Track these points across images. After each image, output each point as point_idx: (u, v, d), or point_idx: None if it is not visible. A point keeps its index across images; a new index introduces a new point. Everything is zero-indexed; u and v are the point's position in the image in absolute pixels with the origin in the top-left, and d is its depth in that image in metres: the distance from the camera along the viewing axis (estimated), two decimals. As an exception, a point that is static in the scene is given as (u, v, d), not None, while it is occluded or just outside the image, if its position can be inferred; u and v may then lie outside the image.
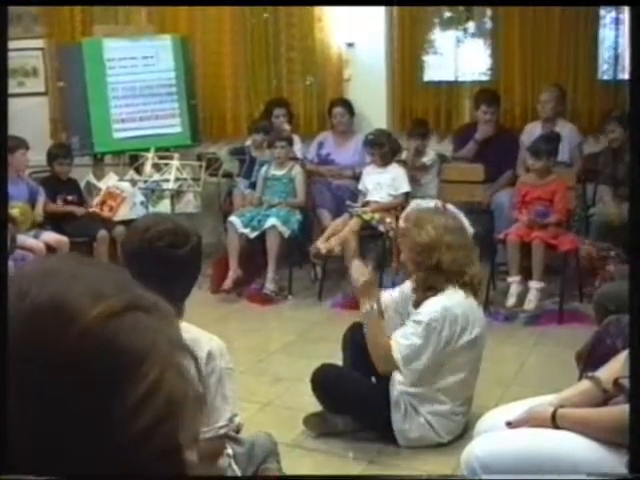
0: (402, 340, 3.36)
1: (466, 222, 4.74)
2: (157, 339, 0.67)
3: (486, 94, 6.38)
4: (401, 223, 4.42)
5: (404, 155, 6.24)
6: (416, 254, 3.45)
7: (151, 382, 0.64)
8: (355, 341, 3.65)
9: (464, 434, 3.46)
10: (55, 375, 0.62)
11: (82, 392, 0.62)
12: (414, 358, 3.35)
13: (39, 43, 7.57)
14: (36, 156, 6.32)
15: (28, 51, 7.42)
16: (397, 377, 3.45)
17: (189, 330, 2.08)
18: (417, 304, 3.48)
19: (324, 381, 3.63)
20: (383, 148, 5.98)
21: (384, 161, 5.98)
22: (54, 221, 6.18)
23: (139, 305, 0.68)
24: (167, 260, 2.16)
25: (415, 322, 3.37)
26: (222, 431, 2.24)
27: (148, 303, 0.70)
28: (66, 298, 0.65)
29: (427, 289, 3.44)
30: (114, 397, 0.63)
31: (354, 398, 3.52)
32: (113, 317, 0.65)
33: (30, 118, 6.94)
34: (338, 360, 3.81)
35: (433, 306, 3.37)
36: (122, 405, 0.63)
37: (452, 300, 3.36)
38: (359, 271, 3.55)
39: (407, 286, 3.66)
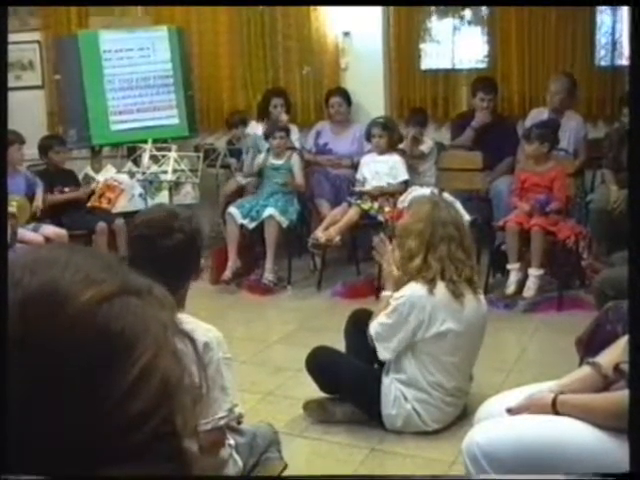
0: (379, 318, 3.47)
1: (461, 210, 4.72)
2: (150, 323, 0.67)
3: (483, 82, 6.35)
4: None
5: (402, 144, 6.23)
6: (397, 238, 3.59)
7: (144, 365, 0.65)
8: (357, 328, 3.69)
9: (465, 421, 3.47)
10: (49, 361, 0.62)
11: (76, 377, 0.63)
12: (384, 338, 3.44)
13: (35, 36, 7.53)
14: (33, 149, 6.31)
15: (24, 44, 7.37)
16: (391, 363, 3.53)
17: (186, 321, 2.09)
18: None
19: (319, 364, 3.69)
20: (394, 132, 5.97)
21: (390, 146, 5.95)
22: (53, 214, 6.18)
23: (131, 290, 0.68)
24: (154, 248, 2.19)
25: (390, 304, 3.46)
26: (222, 422, 2.25)
27: (141, 288, 0.70)
28: (57, 285, 0.65)
29: (408, 276, 3.48)
30: (108, 380, 0.63)
31: (346, 380, 3.57)
32: (104, 302, 0.65)
33: (27, 111, 6.91)
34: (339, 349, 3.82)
35: (403, 292, 3.43)
36: (116, 388, 0.63)
37: (422, 289, 3.39)
38: (387, 261, 3.66)
39: None
